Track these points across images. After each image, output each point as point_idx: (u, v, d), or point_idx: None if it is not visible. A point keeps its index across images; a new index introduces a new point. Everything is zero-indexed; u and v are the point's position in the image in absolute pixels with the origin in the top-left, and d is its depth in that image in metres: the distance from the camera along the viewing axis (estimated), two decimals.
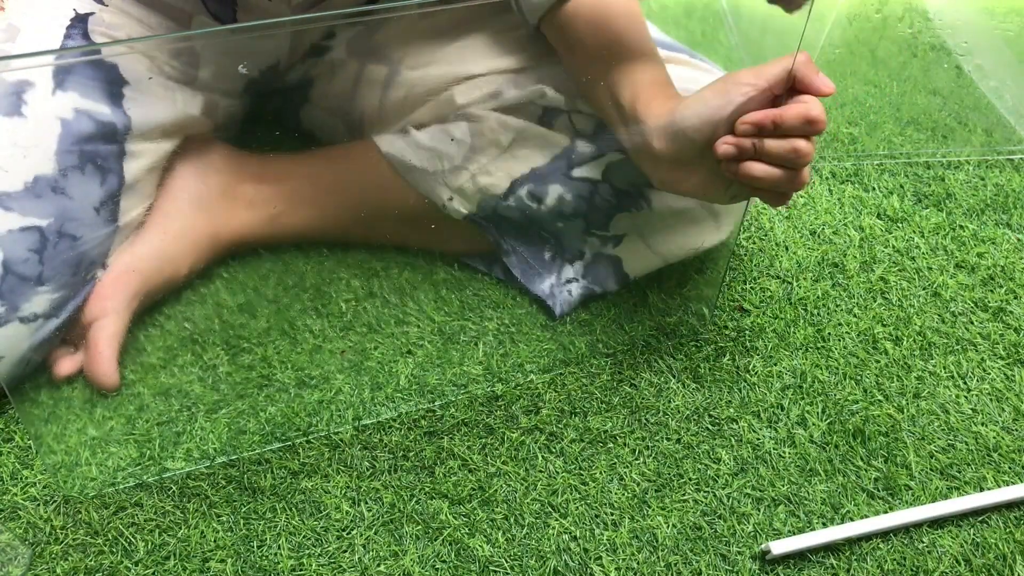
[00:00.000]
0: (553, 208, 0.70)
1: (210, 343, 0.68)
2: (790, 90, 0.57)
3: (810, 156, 0.56)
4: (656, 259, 0.73)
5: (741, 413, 0.67)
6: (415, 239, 0.75)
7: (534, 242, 0.73)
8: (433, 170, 0.70)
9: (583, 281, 0.74)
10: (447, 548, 0.58)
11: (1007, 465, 0.64)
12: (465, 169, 0.70)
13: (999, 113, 1.02)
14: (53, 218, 0.59)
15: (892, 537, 0.59)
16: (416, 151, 0.71)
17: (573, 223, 0.71)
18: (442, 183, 0.70)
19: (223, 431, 0.63)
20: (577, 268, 0.73)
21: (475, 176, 0.69)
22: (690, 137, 0.58)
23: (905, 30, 1.06)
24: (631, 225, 0.71)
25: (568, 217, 0.70)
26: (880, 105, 1.03)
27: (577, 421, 0.66)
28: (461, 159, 0.70)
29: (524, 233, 0.72)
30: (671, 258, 0.73)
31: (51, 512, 0.58)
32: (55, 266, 0.59)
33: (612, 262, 0.73)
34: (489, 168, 0.69)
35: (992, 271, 0.82)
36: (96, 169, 0.62)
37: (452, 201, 0.70)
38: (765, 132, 0.56)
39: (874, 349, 0.73)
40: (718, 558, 0.58)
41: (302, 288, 0.72)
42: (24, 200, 0.58)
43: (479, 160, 0.69)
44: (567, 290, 0.73)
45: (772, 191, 0.58)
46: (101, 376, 0.62)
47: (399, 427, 0.65)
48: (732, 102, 0.57)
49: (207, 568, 0.56)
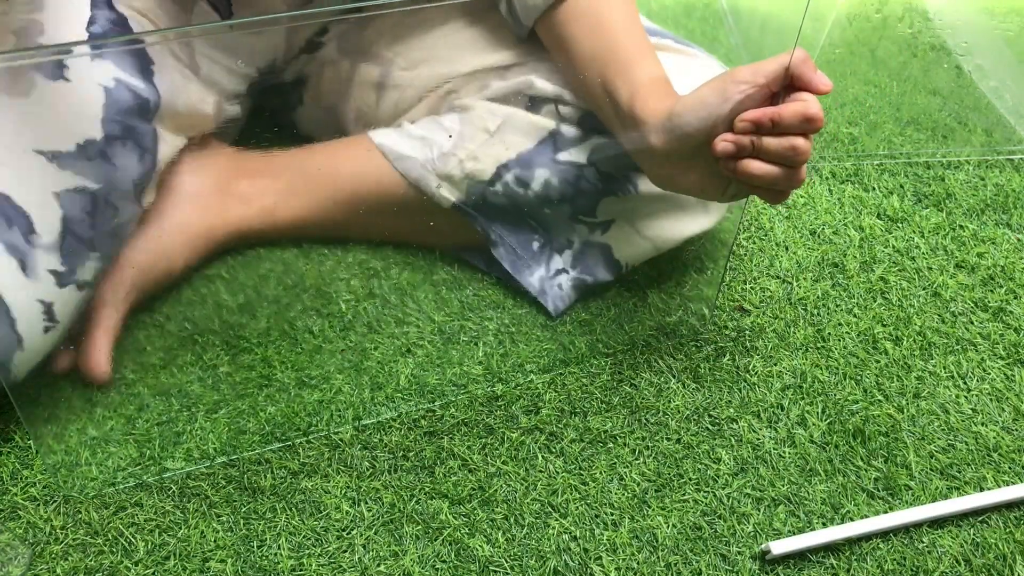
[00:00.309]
0: (539, 193, 0.70)
1: (210, 343, 0.68)
2: (788, 88, 0.57)
3: (808, 154, 0.56)
4: (646, 245, 0.73)
5: (741, 413, 0.67)
6: (409, 233, 0.76)
7: (522, 231, 0.73)
8: (423, 158, 0.71)
9: (573, 272, 0.74)
10: (447, 548, 0.58)
11: (1007, 465, 0.64)
12: (453, 155, 0.70)
13: (999, 113, 1.02)
14: (103, 183, 0.60)
15: (892, 537, 0.59)
16: (408, 140, 0.72)
17: (560, 208, 0.71)
18: (431, 171, 0.71)
19: (223, 431, 0.63)
20: (567, 258, 0.74)
21: (463, 162, 0.70)
22: (688, 135, 0.58)
23: (905, 30, 1.06)
24: (618, 210, 0.72)
25: (555, 202, 0.71)
26: (880, 105, 1.03)
27: (577, 421, 0.66)
28: (450, 146, 0.70)
29: (512, 221, 0.73)
30: (662, 244, 0.73)
31: (51, 512, 0.58)
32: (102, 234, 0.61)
33: (602, 249, 0.73)
34: (476, 154, 0.70)
35: (992, 271, 0.82)
36: (136, 146, 0.63)
37: (440, 188, 0.71)
38: (763, 130, 0.56)
39: (874, 349, 0.73)
40: (718, 558, 0.58)
41: (302, 288, 0.72)
42: (77, 161, 0.59)
43: (467, 146, 0.70)
44: (557, 283, 0.73)
45: (770, 189, 0.59)
46: (93, 366, 0.63)
47: (399, 427, 0.65)
48: (730, 100, 0.57)
49: (207, 568, 0.56)
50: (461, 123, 0.71)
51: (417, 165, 0.71)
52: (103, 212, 0.61)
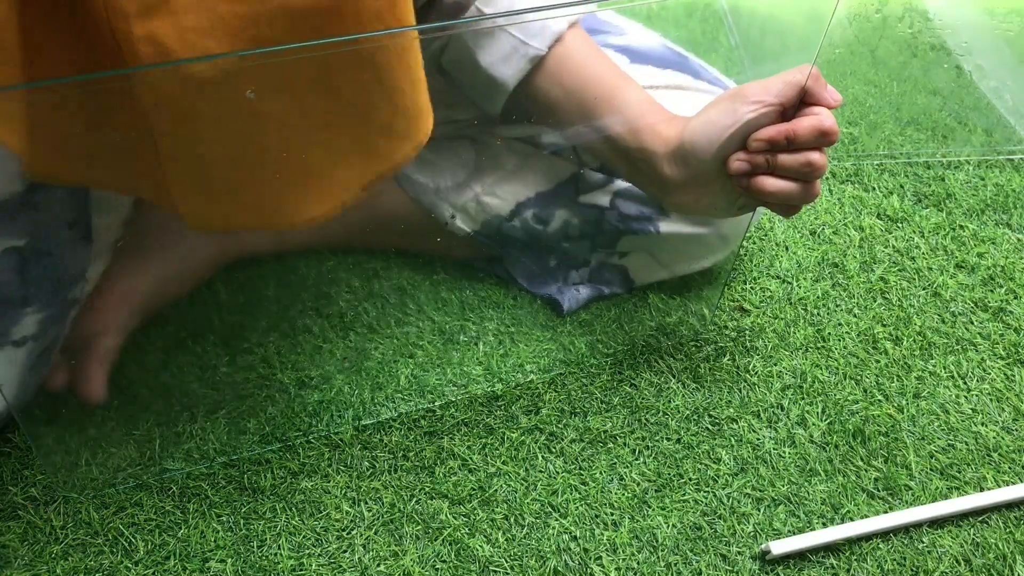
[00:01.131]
0: (558, 231, 0.70)
1: (210, 343, 0.68)
2: (799, 102, 0.56)
3: (824, 169, 0.55)
4: (663, 272, 0.74)
5: (741, 413, 0.67)
6: (416, 247, 0.75)
7: (539, 254, 0.73)
8: (436, 186, 0.69)
9: (587, 288, 0.74)
10: (447, 548, 0.57)
11: (1007, 465, 0.64)
12: (469, 188, 0.69)
13: (999, 113, 1.02)
14: (29, 236, 0.56)
15: (892, 537, 0.59)
16: (420, 165, 0.70)
17: (579, 244, 0.71)
18: (445, 200, 0.70)
19: (223, 431, 0.63)
20: (583, 273, 0.74)
21: (479, 196, 0.69)
22: (701, 159, 0.58)
23: (905, 30, 1.06)
24: (639, 244, 0.71)
25: (574, 239, 0.70)
26: (880, 105, 1.03)
27: (577, 421, 0.66)
28: (465, 177, 0.69)
29: (528, 249, 0.72)
30: (679, 272, 0.74)
31: (51, 512, 0.58)
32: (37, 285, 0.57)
33: (619, 270, 0.74)
34: (494, 189, 0.69)
35: (992, 271, 0.81)
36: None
37: (455, 219, 0.70)
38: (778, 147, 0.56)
39: (874, 349, 0.73)
40: (718, 558, 0.58)
41: (302, 288, 0.72)
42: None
43: (484, 180, 0.69)
44: (575, 289, 0.74)
45: (785, 204, 0.58)
46: (88, 392, 0.61)
47: (399, 427, 0.65)
48: (741, 119, 0.56)
49: (207, 568, 0.56)
50: (477, 155, 0.69)
51: (430, 192, 0.70)
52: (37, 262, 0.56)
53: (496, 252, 0.73)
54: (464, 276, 0.75)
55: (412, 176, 0.70)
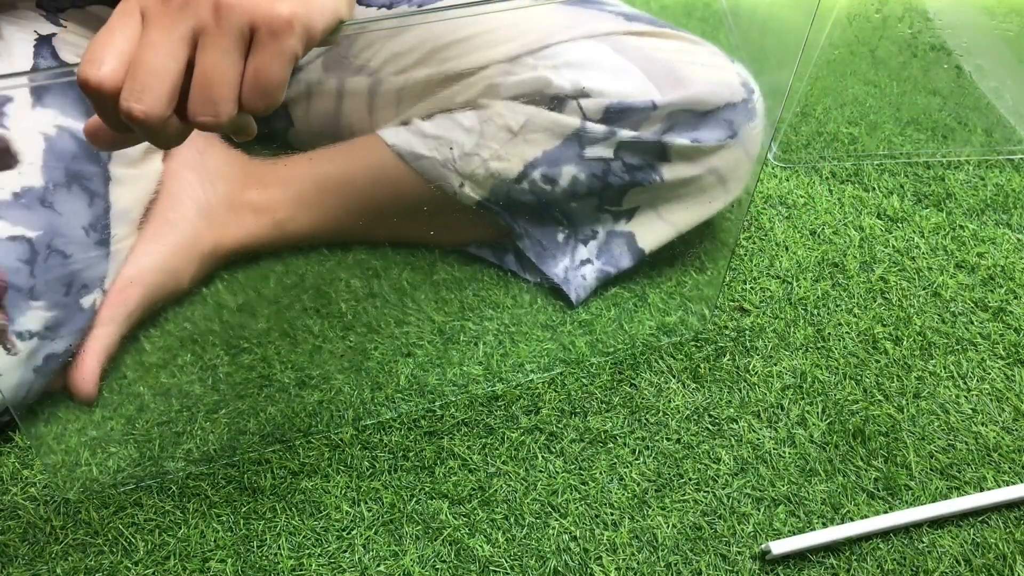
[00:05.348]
0: (567, 189, 0.70)
1: (210, 343, 0.68)
2: None
3: None
4: (669, 229, 0.75)
5: (741, 413, 0.67)
6: (423, 232, 0.75)
7: (547, 224, 0.74)
8: (442, 158, 0.70)
9: (597, 263, 0.75)
10: (447, 548, 0.57)
11: (1007, 465, 0.64)
12: (476, 155, 0.70)
13: (999, 113, 1.02)
14: (42, 231, 0.58)
15: (892, 537, 0.59)
16: (423, 140, 0.70)
17: (587, 201, 0.72)
18: (453, 170, 0.70)
19: (223, 431, 0.63)
20: (591, 248, 0.75)
21: (487, 162, 0.70)
22: None
23: (905, 30, 1.06)
24: (644, 198, 0.73)
25: (582, 196, 0.71)
26: (880, 105, 1.03)
27: (577, 421, 0.66)
28: (472, 146, 0.70)
29: (537, 215, 0.73)
30: (683, 227, 0.75)
31: (51, 512, 0.58)
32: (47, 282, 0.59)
33: (626, 238, 0.75)
34: (501, 153, 0.69)
35: (992, 271, 0.82)
36: (83, 190, 0.61)
37: (464, 187, 0.71)
38: None
39: (874, 349, 0.73)
40: (718, 558, 0.58)
41: (302, 288, 0.72)
42: (13, 210, 0.58)
43: (490, 146, 0.69)
44: (581, 274, 0.74)
45: None
46: (79, 384, 0.62)
47: (399, 427, 0.65)
48: None
49: (207, 568, 0.56)
50: (480, 121, 0.70)
51: (437, 165, 0.70)
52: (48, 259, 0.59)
53: (504, 224, 0.73)
54: (464, 276, 0.75)
55: (416, 151, 0.70)
